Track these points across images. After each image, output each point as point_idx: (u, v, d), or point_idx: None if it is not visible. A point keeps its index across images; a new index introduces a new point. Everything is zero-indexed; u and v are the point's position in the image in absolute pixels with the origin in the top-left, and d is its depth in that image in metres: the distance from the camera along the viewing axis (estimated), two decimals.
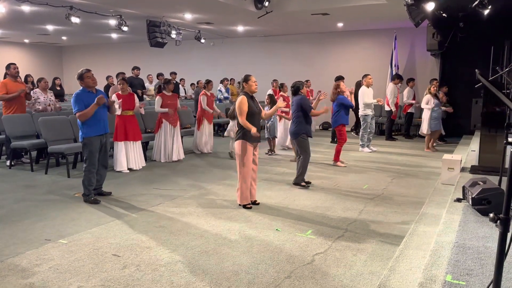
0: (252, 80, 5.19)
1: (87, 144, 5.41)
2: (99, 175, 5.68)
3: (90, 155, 5.45)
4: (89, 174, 5.48)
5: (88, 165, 5.46)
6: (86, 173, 5.47)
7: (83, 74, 5.40)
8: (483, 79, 2.27)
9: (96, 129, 5.44)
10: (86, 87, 5.41)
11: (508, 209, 1.91)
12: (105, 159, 5.72)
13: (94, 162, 5.50)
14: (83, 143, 5.44)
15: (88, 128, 5.38)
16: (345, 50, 14.10)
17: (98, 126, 5.46)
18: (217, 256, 3.76)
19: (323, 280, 3.31)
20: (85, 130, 5.38)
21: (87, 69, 5.48)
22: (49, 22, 12.69)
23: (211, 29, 13.45)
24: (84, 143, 5.42)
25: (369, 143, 9.71)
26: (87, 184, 5.49)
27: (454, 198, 4.70)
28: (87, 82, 5.39)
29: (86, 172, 5.47)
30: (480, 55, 8.97)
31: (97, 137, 5.47)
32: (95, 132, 5.43)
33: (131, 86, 10.97)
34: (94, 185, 5.61)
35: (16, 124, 7.62)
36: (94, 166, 5.50)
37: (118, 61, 17.82)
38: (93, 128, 5.40)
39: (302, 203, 5.52)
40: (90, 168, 5.47)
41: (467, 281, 2.73)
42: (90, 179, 5.49)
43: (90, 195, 5.52)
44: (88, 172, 5.47)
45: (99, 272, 3.45)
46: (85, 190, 5.53)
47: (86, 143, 5.41)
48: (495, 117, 6.00)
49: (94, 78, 5.46)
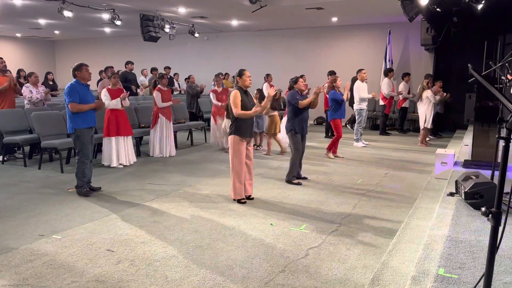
0: (246, 75, 5.18)
1: (80, 136, 5.44)
2: None
3: (83, 146, 5.48)
4: (83, 166, 5.50)
5: (81, 157, 5.49)
6: (79, 165, 5.49)
7: (82, 65, 5.45)
8: (476, 73, 2.28)
9: (88, 121, 5.50)
10: (81, 80, 5.42)
11: (500, 203, 1.92)
12: (91, 153, 5.74)
13: (88, 153, 5.53)
14: (75, 135, 5.45)
15: (79, 119, 5.41)
16: (339, 45, 14.09)
17: (89, 118, 5.52)
18: (211, 251, 3.77)
19: (317, 274, 3.33)
20: (76, 121, 5.40)
21: (85, 63, 5.53)
22: (41, 16, 12.55)
23: (205, 23, 13.38)
24: (76, 134, 5.44)
25: (360, 137, 9.77)
26: (80, 176, 5.52)
27: (447, 192, 4.73)
28: (84, 74, 5.42)
29: (79, 163, 5.49)
30: (473, 50, 9.02)
31: (88, 129, 5.53)
32: (86, 123, 5.49)
33: (126, 81, 10.92)
34: (88, 176, 5.61)
35: (9, 119, 7.56)
36: (87, 157, 5.54)
37: (111, 55, 17.69)
38: (84, 119, 5.45)
39: (296, 197, 5.53)
40: (84, 159, 5.50)
41: (459, 274, 2.76)
42: (84, 170, 5.51)
43: (83, 187, 5.54)
44: (82, 163, 5.49)
45: (93, 267, 3.44)
46: (78, 181, 5.55)
47: (78, 135, 5.44)
48: (488, 111, 6.04)
49: (90, 72, 5.52)
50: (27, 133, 7.77)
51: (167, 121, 8.19)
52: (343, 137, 10.78)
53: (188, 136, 10.25)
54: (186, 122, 10.02)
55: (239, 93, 5.10)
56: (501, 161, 1.90)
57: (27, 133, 7.77)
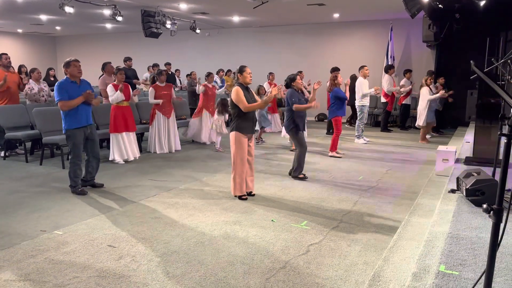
0: (247, 72, 5.17)
1: (71, 136, 5.38)
2: (91, 167, 5.67)
3: (74, 147, 5.42)
4: (74, 166, 5.46)
5: (72, 157, 5.45)
6: (71, 165, 5.46)
7: (71, 62, 5.32)
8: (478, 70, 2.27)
9: (79, 121, 5.39)
10: (70, 76, 5.32)
11: (502, 199, 1.92)
12: (95, 151, 5.68)
13: (79, 154, 5.47)
14: (66, 135, 5.40)
15: (70, 119, 5.34)
16: (341, 41, 14.06)
17: (80, 118, 5.40)
18: (212, 247, 3.78)
19: (318, 270, 3.34)
20: (68, 122, 5.34)
21: (76, 59, 5.41)
22: (42, 12, 12.54)
23: (206, 19, 13.35)
24: (67, 135, 5.39)
25: (362, 133, 9.76)
26: (73, 176, 5.49)
27: (448, 189, 4.73)
28: (72, 70, 5.30)
29: (71, 164, 5.46)
30: (475, 47, 8.97)
31: (80, 129, 5.42)
32: (77, 123, 5.38)
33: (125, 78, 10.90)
34: (81, 176, 5.59)
35: (10, 115, 7.57)
36: (79, 158, 5.47)
37: (112, 51, 17.67)
38: (75, 119, 5.35)
39: (297, 194, 5.53)
40: (75, 160, 5.45)
41: (460, 271, 2.76)
42: (76, 171, 5.48)
43: (77, 186, 5.51)
44: (74, 164, 5.45)
45: (95, 263, 3.45)
46: (71, 181, 5.52)
47: (69, 135, 5.38)
48: (490, 108, 6.01)
49: (80, 69, 5.37)
50: (29, 129, 7.78)
51: (165, 117, 8.19)
52: (345, 134, 10.81)
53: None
54: (188, 119, 10.02)
55: (240, 88, 5.10)
56: (503, 158, 1.90)
57: (29, 129, 7.78)
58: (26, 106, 7.90)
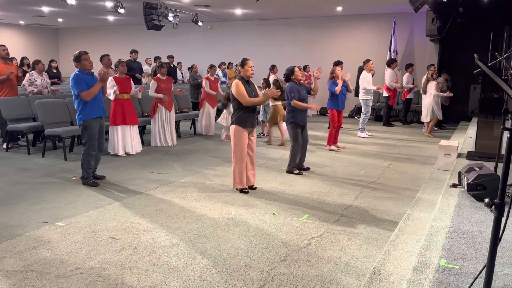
0: (248, 65, 5.15)
1: (87, 127, 5.38)
2: (95, 158, 5.68)
3: (90, 138, 5.43)
4: (89, 157, 5.47)
5: (87, 148, 5.44)
6: (85, 156, 5.46)
7: (81, 56, 5.35)
8: (482, 64, 2.25)
9: (96, 111, 5.44)
10: (83, 69, 5.38)
11: (504, 194, 1.92)
12: (101, 143, 5.71)
13: (94, 145, 5.49)
14: (83, 126, 5.39)
15: (88, 110, 5.35)
16: (344, 35, 13.99)
17: (97, 108, 5.46)
18: (214, 239, 3.79)
19: (319, 264, 3.35)
20: (85, 112, 5.35)
21: (84, 51, 5.44)
22: (44, 4, 12.50)
23: (208, 12, 13.29)
24: (84, 126, 5.38)
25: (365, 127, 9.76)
26: (86, 167, 5.49)
27: (450, 184, 4.72)
28: (84, 64, 5.36)
29: (85, 155, 5.46)
30: (479, 41, 8.93)
31: (97, 119, 5.47)
32: (95, 114, 5.43)
33: (130, 70, 10.89)
34: (93, 168, 5.61)
35: (12, 107, 7.57)
36: (94, 149, 5.49)
37: (114, 44, 17.64)
38: (92, 110, 5.39)
39: (299, 188, 5.54)
40: (90, 151, 5.46)
41: (461, 265, 2.77)
42: (90, 162, 5.49)
43: (89, 178, 5.53)
44: (88, 155, 5.46)
45: (97, 254, 3.47)
46: (83, 173, 5.53)
47: (86, 126, 5.38)
48: (493, 103, 6.00)
49: (91, 61, 5.45)
50: (31, 121, 7.78)
51: (166, 110, 8.19)
52: (346, 127, 10.78)
53: (191, 125, 10.26)
54: (190, 112, 10.02)
55: (241, 82, 5.08)
56: (505, 153, 1.89)
57: (31, 121, 7.78)
58: (28, 98, 7.90)
